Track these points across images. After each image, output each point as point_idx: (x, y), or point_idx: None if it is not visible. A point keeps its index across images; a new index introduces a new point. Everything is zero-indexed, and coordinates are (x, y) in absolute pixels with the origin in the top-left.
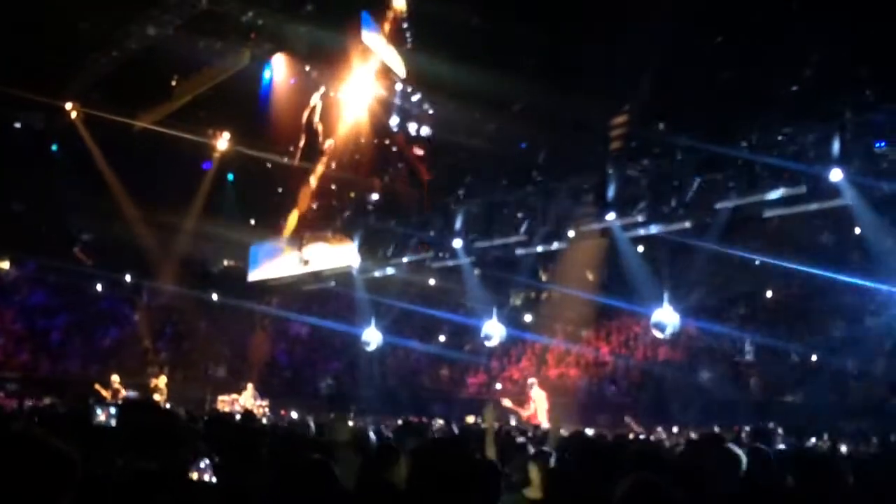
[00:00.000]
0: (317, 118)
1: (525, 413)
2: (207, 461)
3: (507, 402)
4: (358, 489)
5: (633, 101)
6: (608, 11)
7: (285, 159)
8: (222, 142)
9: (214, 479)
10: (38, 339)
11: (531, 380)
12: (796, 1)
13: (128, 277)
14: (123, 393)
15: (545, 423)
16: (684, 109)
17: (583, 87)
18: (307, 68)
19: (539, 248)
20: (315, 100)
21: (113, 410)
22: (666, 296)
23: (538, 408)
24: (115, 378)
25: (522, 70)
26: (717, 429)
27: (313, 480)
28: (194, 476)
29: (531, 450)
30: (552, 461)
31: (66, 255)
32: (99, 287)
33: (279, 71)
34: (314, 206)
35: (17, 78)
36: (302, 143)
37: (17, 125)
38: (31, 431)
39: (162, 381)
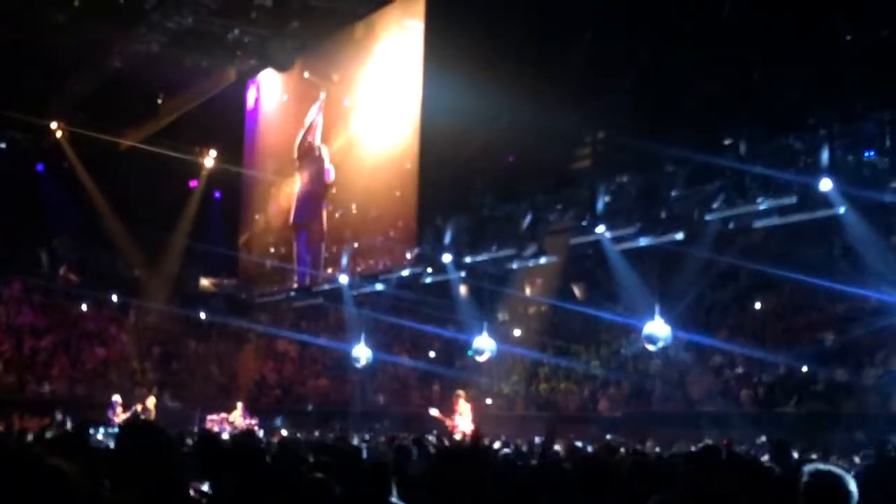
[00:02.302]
0: (317, 139)
1: (450, 423)
2: (202, 482)
3: (434, 412)
4: None
5: (618, 113)
6: (596, 23)
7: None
8: (209, 159)
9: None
10: (24, 359)
11: (459, 391)
12: (784, 11)
13: (114, 297)
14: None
15: (467, 431)
16: (674, 121)
17: (569, 99)
18: (305, 73)
19: (530, 263)
20: (313, 114)
21: (112, 431)
22: (657, 308)
23: (463, 419)
24: (117, 398)
25: (510, 83)
26: (709, 441)
27: (315, 500)
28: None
29: None
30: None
31: (53, 275)
32: (84, 307)
33: (267, 90)
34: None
35: (1, 97)
36: (301, 181)
37: (3, 145)
38: (38, 456)
39: (150, 401)
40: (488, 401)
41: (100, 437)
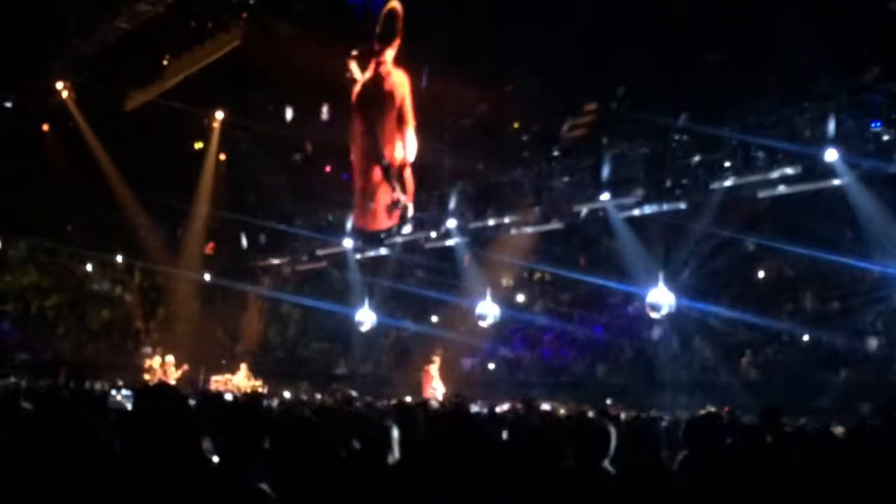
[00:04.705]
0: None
1: (428, 388)
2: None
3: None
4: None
5: (624, 81)
6: None
7: None
8: (215, 122)
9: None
10: (30, 319)
11: (433, 357)
12: None
13: (119, 258)
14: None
15: (439, 398)
16: (680, 90)
17: (574, 66)
18: None
19: (530, 230)
20: None
21: (128, 393)
22: (661, 276)
23: (436, 385)
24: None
25: (514, 51)
26: (712, 409)
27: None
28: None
29: None
30: None
31: (58, 236)
32: (90, 267)
33: None
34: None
35: (6, 58)
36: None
37: (8, 105)
38: (66, 414)
39: (156, 361)
40: (491, 366)
41: (119, 398)
